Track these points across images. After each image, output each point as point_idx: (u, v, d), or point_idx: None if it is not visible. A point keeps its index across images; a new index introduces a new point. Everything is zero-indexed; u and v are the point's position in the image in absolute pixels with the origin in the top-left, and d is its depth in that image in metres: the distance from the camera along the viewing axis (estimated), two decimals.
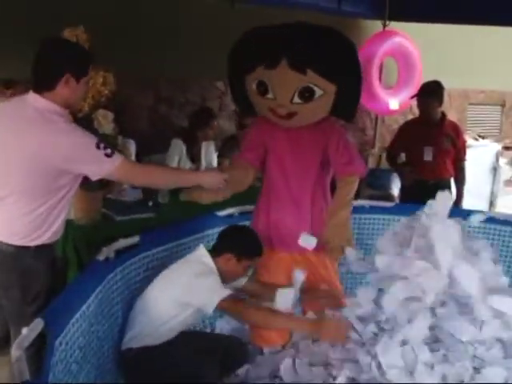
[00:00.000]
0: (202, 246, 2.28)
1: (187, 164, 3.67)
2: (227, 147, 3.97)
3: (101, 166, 1.85)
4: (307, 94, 2.12)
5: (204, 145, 3.76)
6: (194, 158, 3.71)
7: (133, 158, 3.59)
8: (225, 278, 2.18)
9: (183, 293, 2.06)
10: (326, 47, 2.07)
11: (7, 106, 1.96)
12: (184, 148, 3.63)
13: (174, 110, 4.75)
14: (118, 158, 1.88)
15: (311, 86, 2.11)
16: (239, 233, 2.30)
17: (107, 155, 1.85)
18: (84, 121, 2.55)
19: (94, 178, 1.89)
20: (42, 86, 1.86)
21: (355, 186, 2.37)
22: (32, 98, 1.87)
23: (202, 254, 2.22)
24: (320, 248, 2.38)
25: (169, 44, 4.37)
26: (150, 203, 3.03)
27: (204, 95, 4.89)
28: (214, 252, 2.24)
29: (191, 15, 4.47)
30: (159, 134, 4.45)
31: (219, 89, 4.97)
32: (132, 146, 3.63)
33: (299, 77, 2.08)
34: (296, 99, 2.13)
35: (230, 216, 2.81)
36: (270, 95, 2.16)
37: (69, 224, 2.29)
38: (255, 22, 2.22)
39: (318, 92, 2.12)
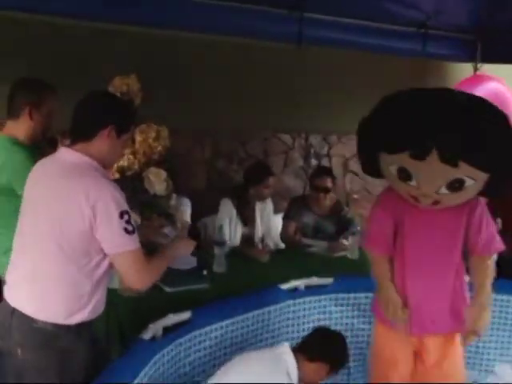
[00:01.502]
0: (286, 344, 2.29)
1: (239, 227, 3.67)
2: (295, 209, 3.95)
3: (114, 237, 1.84)
4: (456, 185, 2.11)
5: (258, 205, 3.78)
6: (247, 219, 3.72)
7: (188, 220, 3.65)
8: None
9: None
10: (480, 132, 2.01)
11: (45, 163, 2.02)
12: (234, 208, 3.64)
13: (233, 165, 4.84)
14: (136, 242, 1.88)
15: (462, 177, 2.09)
16: (340, 343, 2.35)
17: (127, 231, 1.84)
18: (133, 180, 2.60)
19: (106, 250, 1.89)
20: (80, 134, 1.93)
21: (494, 265, 2.40)
22: (64, 153, 1.94)
23: (284, 352, 2.22)
24: (454, 328, 2.38)
25: (228, 93, 4.49)
26: (205, 272, 3.02)
27: (267, 149, 4.97)
28: (305, 354, 2.25)
29: (253, 61, 4.59)
30: (216, 191, 4.53)
31: (285, 142, 5.04)
32: (187, 207, 3.67)
33: (450, 170, 2.06)
34: (443, 190, 2.13)
35: (295, 290, 2.79)
36: (412, 183, 2.16)
37: (112, 295, 2.29)
38: (324, 68, 2.23)
39: (469, 182, 2.11)
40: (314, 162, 5.19)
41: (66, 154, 1.95)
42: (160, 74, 4.11)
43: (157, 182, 2.72)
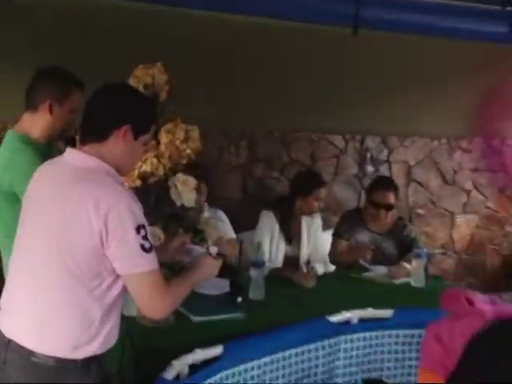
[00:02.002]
0: None
1: (281, 245, 3.69)
2: (348, 225, 3.93)
3: (129, 255, 1.82)
4: None
5: (305, 220, 3.78)
6: (292, 236, 3.73)
7: (228, 235, 3.65)
8: None
9: None
10: None
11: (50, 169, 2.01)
12: (277, 223, 3.67)
13: (273, 173, 4.83)
14: (154, 262, 1.85)
15: None
16: None
17: (144, 248, 1.82)
18: (157, 188, 2.57)
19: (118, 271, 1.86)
20: (90, 134, 1.92)
21: None
22: (72, 154, 1.93)
23: None
24: None
25: (267, 87, 4.49)
26: (239, 299, 2.98)
27: (314, 153, 4.95)
28: None
29: (299, 50, 4.56)
30: (253, 203, 4.49)
31: (336, 145, 5.00)
32: (223, 221, 3.70)
33: None
34: None
35: (347, 323, 2.77)
36: None
37: (128, 324, 2.26)
38: (383, 56, 2.14)
39: None
40: (370, 169, 5.16)
41: (73, 156, 1.94)
42: (190, 64, 4.12)
43: (185, 190, 2.70)
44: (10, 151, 2.47)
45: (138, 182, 2.62)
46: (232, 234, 3.75)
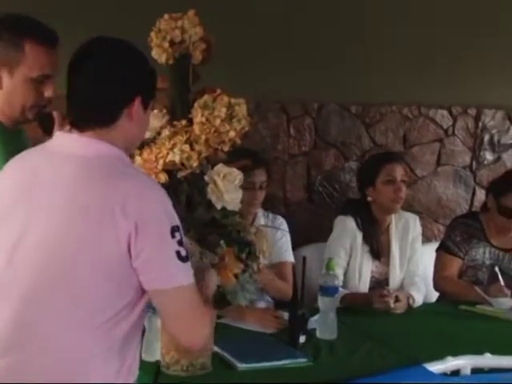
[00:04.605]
0: None
1: (366, 260, 3.77)
2: (460, 237, 3.97)
3: (162, 265, 1.89)
4: None
5: (396, 225, 3.89)
6: (380, 248, 3.79)
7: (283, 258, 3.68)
8: None
9: None
10: None
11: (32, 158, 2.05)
12: (359, 231, 3.75)
13: (350, 163, 4.85)
14: (191, 274, 1.94)
15: None
16: None
17: (180, 256, 1.89)
18: (189, 185, 2.59)
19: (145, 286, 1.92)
20: (92, 119, 1.97)
21: None
22: (71, 141, 1.97)
23: None
24: None
25: (340, 50, 4.53)
26: (302, 339, 3.01)
27: (409, 136, 4.99)
28: None
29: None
30: (322, 205, 4.52)
31: (438, 124, 5.03)
32: (284, 234, 3.71)
33: None
34: None
35: (456, 374, 2.78)
36: None
37: (150, 371, 2.34)
38: None
39: None
40: (489, 156, 5.16)
41: (74, 144, 1.98)
42: (237, 14, 4.19)
43: (228, 188, 2.69)
44: None
45: (163, 177, 2.62)
46: (290, 257, 3.77)
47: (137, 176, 1.97)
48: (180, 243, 1.90)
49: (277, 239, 3.69)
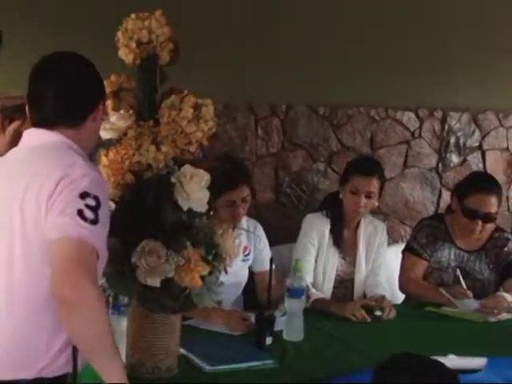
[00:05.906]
0: None
1: (332, 256, 3.77)
2: (425, 239, 3.97)
3: (59, 217, 1.95)
4: None
5: (364, 226, 3.89)
6: (344, 245, 3.82)
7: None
8: None
9: None
10: None
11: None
12: (327, 228, 3.76)
13: (317, 163, 4.85)
14: (90, 236, 1.95)
15: None
16: None
17: (82, 215, 1.94)
18: (156, 186, 2.59)
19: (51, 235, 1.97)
20: (66, 122, 2.12)
21: None
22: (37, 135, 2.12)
23: None
24: None
25: (310, 48, 4.55)
26: (269, 341, 3.01)
27: (376, 138, 4.97)
28: None
29: None
30: (290, 206, 4.53)
31: (405, 126, 5.02)
32: (261, 238, 3.69)
33: None
34: None
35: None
36: None
37: None
38: None
39: None
40: (455, 159, 5.17)
41: (28, 136, 2.15)
42: (203, 14, 4.17)
43: (194, 188, 2.69)
44: None
45: (130, 178, 2.62)
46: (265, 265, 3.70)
47: (79, 159, 2.06)
48: (90, 208, 1.95)
49: (261, 249, 3.71)
